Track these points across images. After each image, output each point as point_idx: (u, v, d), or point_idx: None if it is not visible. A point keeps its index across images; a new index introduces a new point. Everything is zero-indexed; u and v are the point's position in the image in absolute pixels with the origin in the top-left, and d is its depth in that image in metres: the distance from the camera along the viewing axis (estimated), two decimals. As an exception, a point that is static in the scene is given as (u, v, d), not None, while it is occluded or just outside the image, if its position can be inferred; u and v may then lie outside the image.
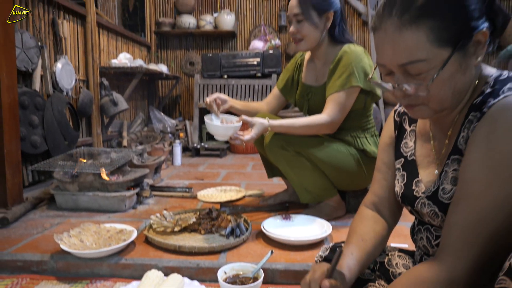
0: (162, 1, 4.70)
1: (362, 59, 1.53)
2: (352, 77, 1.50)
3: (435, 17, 0.61)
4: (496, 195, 0.59)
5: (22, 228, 1.55)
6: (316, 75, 1.70)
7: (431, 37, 0.61)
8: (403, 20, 0.62)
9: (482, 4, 0.64)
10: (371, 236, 0.83)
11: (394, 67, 0.66)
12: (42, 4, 2.41)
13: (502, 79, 0.65)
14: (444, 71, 0.63)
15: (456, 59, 0.63)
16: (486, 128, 0.60)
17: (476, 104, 0.66)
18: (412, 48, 0.62)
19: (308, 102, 1.71)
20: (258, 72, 3.89)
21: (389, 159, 0.89)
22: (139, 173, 1.93)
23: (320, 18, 1.56)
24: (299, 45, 1.61)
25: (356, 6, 4.45)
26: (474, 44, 0.64)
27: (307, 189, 1.61)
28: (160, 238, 1.35)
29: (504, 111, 0.59)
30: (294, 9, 1.56)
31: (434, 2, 0.61)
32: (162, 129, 3.93)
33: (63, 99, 2.48)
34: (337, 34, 1.61)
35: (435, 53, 0.62)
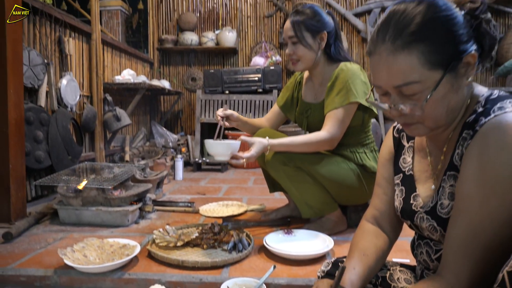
0: (165, 18, 4.80)
1: (359, 76, 1.56)
2: (350, 94, 1.53)
3: (426, 42, 0.65)
4: (492, 210, 0.61)
5: (26, 243, 1.55)
6: (314, 93, 1.74)
7: (423, 61, 0.65)
8: (395, 45, 0.66)
9: (469, 28, 0.68)
10: (372, 251, 0.85)
11: (389, 89, 0.70)
12: (49, 22, 2.48)
13: (493, 98, 0.68)
14: (437, 92, 0.66)
15: (448, 80, 0.67)
16: (478, 146, 0.63)
17: (469, 123, 0.69)
18: (405, 71, 0.66)
19: (307, 119, 1.75)
20: (259, 88, 3.94)
21: (389, 174, 0.91)
22: (142, 188, 1.95)
23: (314, 39, 1.60)
24: (296, 65, 1.66)
25: (355, 24, 4.54)
26: (464, 65, 0.68)
27: (309, 204, 1.62)
28: (163, 253, 1.36)
29: (494, 129, 0.62)
30: (288, 32, 1.61)
31: (424, 29, 0.65)
32: (164, 144, 3.96)
33: (68, 114, 2.52)
34: (333, 53, 1.65)
35: (427, 75, 0.66)
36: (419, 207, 0.79)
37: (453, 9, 0.67)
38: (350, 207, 1.78)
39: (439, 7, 0.66)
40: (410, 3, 0.68)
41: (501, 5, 4.36)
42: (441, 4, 0.67)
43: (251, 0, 4.71)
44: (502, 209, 0.60)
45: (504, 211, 0.60)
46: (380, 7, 4.47)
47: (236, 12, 4.72)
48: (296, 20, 1.59)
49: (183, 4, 4.78)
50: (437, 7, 0.66)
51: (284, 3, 4.67)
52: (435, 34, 0.65)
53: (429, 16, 0.65)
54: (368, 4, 4.51)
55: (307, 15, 1.59)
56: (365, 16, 4.59)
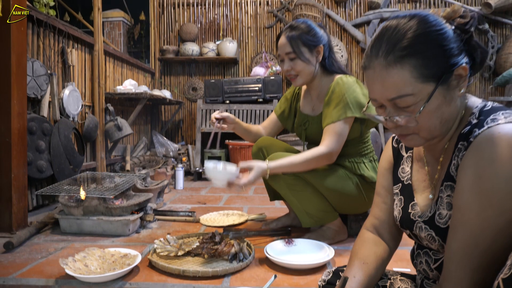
0: (166, 29, 4.86)
1: (355, 89, 1.57)
2: (346, 108, 1.53)
3: (417, 57, 0.67)
4: (490, 219, 0.62)
5: (27, 252, 1.56)
6: (312, 105, 1.75)
7: (415, 74, 0.67)
8: (388, 60, 0.68)
9: (460, 42, 0.70)
10: (372, 259, 0.86)
11: (384, 101, 0.72)
12: (53, 34, 2.52)
13: (486, 110, 0.70)
14: (430, 104, 0.68)
15: (440, 92, 0.68)
16: (473, 158, 0.65)
17: (464, 134, 0.71)
18: (398, 85, 0.68)
19: (306, 131, 1.76)
20: (260, 98, 3.97)
21: (388, 184, 0.92)
22: (143, 198, 1.95)
23: (311, 54, 1.61)
24: (295, 81, 1.65)
25: (354, 34, 4.59)
26: (456, 78, 0.69)
27: (308, 213, 1.63)
28: (164, 263, 1.36)
29: (487, 141, 0.63)
30: (285, 48, 1.61)
31: (415, 44, 0.67)
32: (164, 153, 3.98)
33: (70, 124, 2.54)
34: (328, 65, 1.66)
35: (420, 88, 0.68)
36: (417, 216, 0.80)
37: (443, 24, 0.69)
38: (351, 216, 1.79)
39: (429, 23, 0.68)
40: (402, 19, 0.70)
41: (498, 16, 4.41)
42: (432, 19, 0.69)
43: (252, 11, 4.78)
44: (499, 219, 0.61)
45: (501, 220, 0.61)
46: (379, 18, 4.53)
47: (236, 23, 4.78)
48: (292, 36, 1.59)
49: (184, 15, 4.84)
50: (427, 22, 0.68)
51: (284, 14, 4.73)
52: (426, 49, 0.67)
53: (420, 32, 0.67)
54: (367, 15, 4.57)
55: (302, 30, 1.60)
56: (364, 27, 4.64)
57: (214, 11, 4.81)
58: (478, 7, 4.42)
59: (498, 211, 0.61)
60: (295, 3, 4.47)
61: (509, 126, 0.63)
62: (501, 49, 4.37)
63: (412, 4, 4.62)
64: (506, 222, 0.61)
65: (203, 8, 4.82)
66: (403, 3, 4.65)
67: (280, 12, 4.72)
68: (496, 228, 0.61)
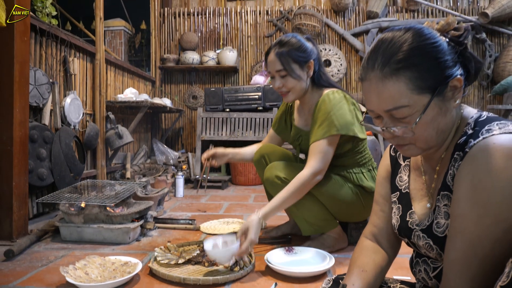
0: (167, 38, 4.90)
1: (342, 106, 1.54)
2: (331, 126, 1.52)
3: (412, 69, 0.68)
4: (487, 228, 0.63)
5: (27, 260, 1.56)
6: (305, 119, 1.75)
7: (411, 86, 0.69)
8: (384, 72, 0.70)
9: (454, 54, 0.71)
10: (371, 267, 0.87)
11: (381, 112, 0.73)
12: (55, 43, 2.54)
13: (482, 121, 0.71)
14: (426, 115, 0.70)
15: (436, 103, 0.70)
16: (468, 168, 0.66)
17: (460, 144, 0.72)
18: (394, 96, 0.69)
19: (300, 146, 1.76)
20: (259, 106, 3.99)
21: (386, 192, 0.94)
22: (143, 206, 1.96)
23: (302, 70, 1.60)
24: (287, 97, 1.64)
25: (353, 43, 4.64)
26: (451, 89, 0.71)
27: (308, 221, 1.63)
28: (165, 271, 1.36)
29: (483, 151, 0.65)
30: (275, 65, 1.59)
31: (410, 56, 0.69)
32: (165, 161, 3.98)
33: (71, 132, 2.55)
34: (317, 79, 1.65)
35: (416, 100, 0.69)
36: (415, 224, 0.81)
37: (437, 37, 0.71)
38: (351, 224, 1.79)
39: (424, 36, 0.70)
40: (398, 32, 0.72)
41: (495, 25, 4.46)
42: (426, 32, 0.70)
43: (252, 21, 4.83)
44: (496, 227, 0.62)
45: (498, 229, 0.62)
46: (377, 27, 4.58)
47: (236, 32, 4.83)
48: (282, 52, 1.57)
49: (185, 24, 4.89)
50: (422, 35, 0.70)
51: (284, 23, 4.78)
52: (421, 62, 0.69)
53: (415, 45, 0.69)
54: (366, 25, 4.62)
55: (292, 46, 1.58)
56: (363, 36, 4.69)
57: (214, 20, 4.86)
58: (476, 16, 4.48)
59: (495, 220, 0.62)
60: (295, 12, 4.53)
61: (503, 136, 0.64)
62: (499, 58, 4.41)
63: (410, 13, 4.68)
64: (503, 230, 0.62)
65: (204, 18, 4.87)
66: (401, 13, 4.70)
67: (279, 21, 4.77)
68: (494, 237, 0.62)
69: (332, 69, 4.63)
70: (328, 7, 4.77)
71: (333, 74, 4.62)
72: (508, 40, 4.45)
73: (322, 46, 4.64)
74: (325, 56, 4.62)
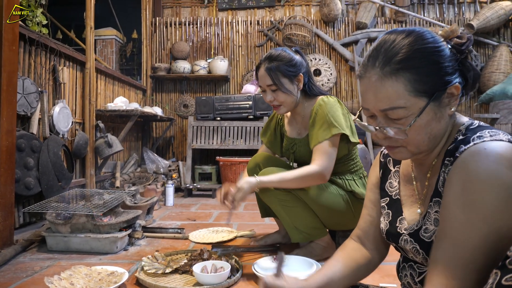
0: (158, 47, 4.92)
1: (337, 109, 1.60)
2: (331, 127, 1.57)
3: (412, 71, 0.69)
4: (475, 231, 0.62)
5: (11, 271, 1.54)
6: (298, 129, 1.79)
7: (409, 88, 0.69)
8: (384, 71, 0.70)
9: (455, 62, 0.72)
10: (345, 258, 0.89)
11: (376, 111, 0.73)
12: (45, 52, 2.54)
13: (473, 128, 0.72)
14: (420, 118, 0.70)
15: (431, 108, 0.70)
16: (459, 172, 0.66)
17: (450, 150, 0.72)
18: (392, 96, 0.70)
19: (294, 154, 1.79)
20: (250, 115, 4.01)
21: (375, 198, 0.94)
22: (131, 215, 1.95)
23: (292, 84, 1.64)
24: (279, 109, 1.68)
25: (343, 53, 4.71)
26: (448, 96, 0.72)
27: (298, 229, 1.64)
28: (151, 280, 1.35)
29: (473, 156, 0.65)
30: (266, 80, 1.63)
31: (412, 58, 0.69)
32: (155, 169, 3.97)
33: (59, 141, 2.53)
34: (308, 90, 1.70)
35: (412, 102, 0.69)
36: (403, 229, 0.82)
37: (440, 42, 0.71)
38: (339, 232, 1.80)
39: (426, 39, 0.70)
40: (401, 33, 0.72)
41: (481, 36, 4.58)
42: (429, 36, 0.71)
43: (243, 31, 4.88)
44: (485, 230, 0.62)
45: (486, 232, 0.61)
46: (366, 38, 4.66)
47: (228, 41, 4.87)
48: (272, 67, 1.61)
49: (176, 34, 4.92)
50: (425, 39, 0.70)
51: (275, 33, 4.84)
52: (422, 64, 0.69)
53: (417, 47, 0.69)
54: (355, 35, 4.70)
55: (281, 61, 1.62)
56: (352, 46, 4.76)
57: (205, 30, 4.90)
58: (462, 28, 4.59)
59: (484, 223, 0.62)
60: (285, 23, 4.59)
61: (494, 143, 0.64)
62: (484, 68, 4.51)
63: (398, 24, 4.77)
64: (490, 233, 0.61)
65: (195, 27, 4.91)
66: (390, 24, 4.80)
67: (270, 31, 4.82)
68: (481, 240, 0.62)
69: (322, 79, 4.68)
70: (318, 18, 4.85)
71: (323, 84, 4.67)
72: (493, 51, 4.56)
73: (312, 55, 4.71)
74: (315, 65, 4.67)
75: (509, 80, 4.04)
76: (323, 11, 4.70)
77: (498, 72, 4.37)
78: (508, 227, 0.61)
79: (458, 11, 4.82)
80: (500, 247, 0.61)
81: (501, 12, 4.35)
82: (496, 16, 4.35)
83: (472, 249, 0.62)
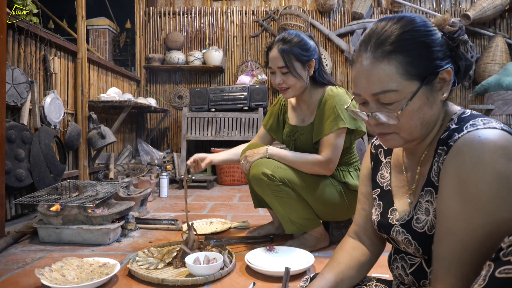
0: (152, 38, 4.86)
1: (346, 100, 1.59)
2: (338, 119, 1.56)
3: (404, 54, 0.68)
4: (477, 224, 0.62)
5: (2, 263, 1.52)
6: (302, 116, 1.76)
7: (401, 71, 0.68)
8: (376, 54, 0.70)
9: (446, 47, 0.72)
10: (346, 260, 0.88)
11: (368, 97, 0.73)
12: (35, 42, 2.49)
13: (465, 116, 0.72)
14: (413, 102, 0.69)
15: (424, 92, 0.70)
16: (454, 162, 0.65)
17: (443, 139, 0.72)
18: (384, 79, 0.69)
19: (295, 141, 1.76)
20: (245, 106, 3.99)
21: (367, 190, 0.94)
22: (124, 206, 1.93)
23: (303, 69, 1.62)
24: (286, 93, 1.65)
25: (339, 44, 4.68)
26: (440, 81, 0.71)
27: (292, 220, 1.63)
28: (143, 272, 1.35)
29: (467, 145, 0.64)
30: (278, 62, 1.60)
31: (403, 40, 0.69)
32: (149, 161, 3.94)
33: (51, 132, 2.50)
34: (317, 77, 1.68)
35: (404, 85, 0.69)
36: (395, 220, 0.82)
37: (431, 26, 0.71)
38: (332, 223, 1.80)
39: (417, 23, 0.71)
40: (391, 19, 0.72)
41: (476, 27, 4.56)
42: (419, 20, 0.71)
43: (237, 21, 4.82)
44: (486, 223, 0.61)
45: (488, 224, 0.61)
46: (362, 28, 4.62)
47: (222, 32, 4.82)
48: (286, 49, 1.58)
49: (170, 24, 4.86)
50: (415, 23, 0.71)
51: (270, 23, 4.79)
52: (413, 47, 0.69)
53: (408, 29, 0.69)
54: (351, 25, 4.66)
55: (295, 44, 1.59)
56: (348, 36, 4.73)
57: (200, 20, 4.84)
58: (458, 18, 4.56)
59: (485, 215, 0.61)
60: (280, 13, 4.54)
61: (488, 131, 0.64)
62: (480, 59, 4.51)
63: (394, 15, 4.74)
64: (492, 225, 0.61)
65: (189, 17, 4.84)
66: (386, 14, 4.76)
67: (265, 21, 4.77)
68: (483, 232, 0.61)
69: (317, 70, 4.65)
70: (313, 8, 4.80)
71: (318, 75, 4.64)
72: (489, 42, 4.55)
73: (308, 46, 4.67)
74: (310, 56, 4.64)
75: (505, 71, 4.04)
76: (319, 1, 4.65)
77: (493, 63, 4.36)
78: (504, 219, 0.60)
79: (454, 1, 4.80)
80: (495, 238, 0.60)
81: (497, 2, 4.33)
82: (492, 7, 4.33)
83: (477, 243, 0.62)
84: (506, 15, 4.69)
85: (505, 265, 0.47)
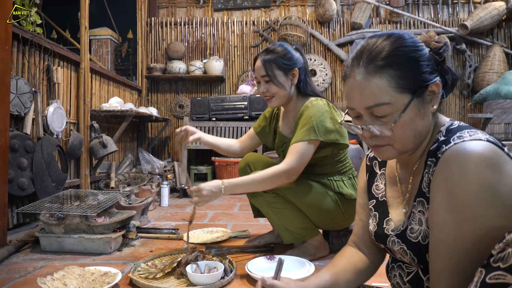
0: (153, 47, 4.92)
1: (323, 113, 1.58)
2: (311, 131, 1.55)
3: (395, 68, 0.72)
4: (467, 234, 0.64)
5: (4, 272, 1.53)
6: (289, 126, 1.78)
7: (393, 84, 0.72)
8: (368, 69, 0.73)
9: (434, 62, 0.76)
10: (343, 263, 0.91)
11: (362, 110, 0.75)
12: (39, 52, 2.53)
13: (453, 128, 0.74)
14: (405, 114, 0.72)
15: (415, 104, 0.73)
16: (442, 174, 0.68)
17: (432, 150, 0.74)
18: (377, 93, 0.72)
19: (283, 152, 1.78)
20: (246, 115, 4.02)
21: (364, 202, 0.96)
22: (125, 215, 1.95)
23: (286, 77, 1.65)
24: (271, 102, 1.69)
25: (338, 54, 4.72)
26: (430, 93, 0.75)
27: (288, 229, 1.64)
28: (145, 281, 1.35)
29: (454, 156, 0.67)
30: (260, 71, 1.65)
31: (393, 55, 0.73)
32: (150, 170, 3.96)
33: (53, 141, 2.52)
34: (302, 88, 1.70)
35: (397, 98, 0.72)
36: (390, 230, 0.84)
37: (419, 43, 0.76)
38: (332, 232, 1.81)
39: (406, 39, 0.75)
40: (381, 37, 0.76)
41: (474, 37, 4.61)
42: (408, 37, 0.75)
43: (238, 31, 4.88)
44: (474, 230, 0.63)
45: (476, 232, 0.63)
46: (361, 38, 4.68)
47: (223, 42, 4.88)
48: (268, 59, 1.63)
49: (171, 34, 4.92)
50: (404, 39, 0.75)
51: (270, 33, 4.85)
52: (403, 61, 0.73)
53: (398, 45, 0.73)
54: (350, 35, 4.72)
55: (278, 54, 1.64)
56: (347, 46, 4.78)
57: (201, 30, 4.90)
58: (456, 28, 4.62)
59: (472, 223, 0.63)
60: (280, 23, 4.60)
61: (474, 143, 0.67)
62: (478, 68, 4.54)
63: (393, 25, 4.80)
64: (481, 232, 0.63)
65: (190, 27, 4.90)
66: (384, 24, 4.82)
67: (265, 31, 4.83)
68: (474, 241, 0.63)
69: (317, 79, 4.69)
70: (313, 18, 4.86)
71: (318, 84, 4.69)
72: (487, 51, 4.59)
73: (308, 56, 4.72)
74: (310, 66, 4.69)
75: (503, 80, 4.08)
76: (318, 12, 4.71)
77: (491, 72, 4.40)
78: (492, 226, 0.62)
79: (452, 11, 4.86)
80: (486, 246, 0.62)
81: (494, 12, 4.38)
82: (489, 17, 4.38)
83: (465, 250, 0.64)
84: (503, 24, 4.74)
85: (495, 271, 0.49)
